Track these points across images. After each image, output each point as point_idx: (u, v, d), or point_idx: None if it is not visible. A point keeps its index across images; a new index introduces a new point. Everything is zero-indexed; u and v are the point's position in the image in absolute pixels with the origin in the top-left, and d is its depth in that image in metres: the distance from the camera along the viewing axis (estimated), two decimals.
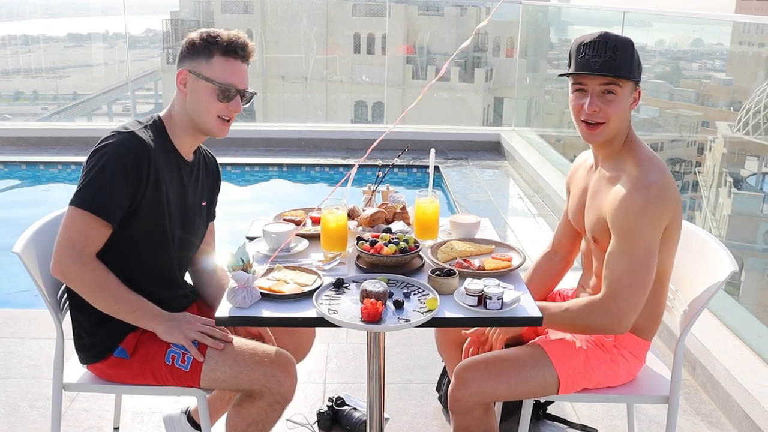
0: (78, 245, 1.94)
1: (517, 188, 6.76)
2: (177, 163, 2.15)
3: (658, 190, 1.94)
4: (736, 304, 3.75)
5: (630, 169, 2.00)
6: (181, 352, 2.04)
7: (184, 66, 2.08)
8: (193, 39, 2.09)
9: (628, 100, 2.04)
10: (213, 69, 2.06)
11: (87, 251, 1.96)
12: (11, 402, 2.95)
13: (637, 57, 2.03)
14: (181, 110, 2.12)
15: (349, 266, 2.19)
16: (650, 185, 1.94)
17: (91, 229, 1.95)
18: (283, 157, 7.44)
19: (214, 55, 2.06)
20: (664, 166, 2.02)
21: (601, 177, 2.11)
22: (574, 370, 2.09)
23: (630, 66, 2.00)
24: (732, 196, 5.31)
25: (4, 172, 7.13)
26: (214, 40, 2.06)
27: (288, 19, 12.54)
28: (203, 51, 2.06)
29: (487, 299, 1.87)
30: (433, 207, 2.37)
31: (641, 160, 2.02)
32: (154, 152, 2.02)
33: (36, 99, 11.99)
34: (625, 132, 2.07)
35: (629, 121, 2.08)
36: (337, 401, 2.82)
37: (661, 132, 6.58)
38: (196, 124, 2.12)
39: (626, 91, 2.02)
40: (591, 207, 2.13)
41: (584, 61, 2.00)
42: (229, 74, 2.07)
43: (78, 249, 1.94)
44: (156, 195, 2.04)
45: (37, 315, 3.67)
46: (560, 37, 8.89)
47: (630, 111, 2.07)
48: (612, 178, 2.05)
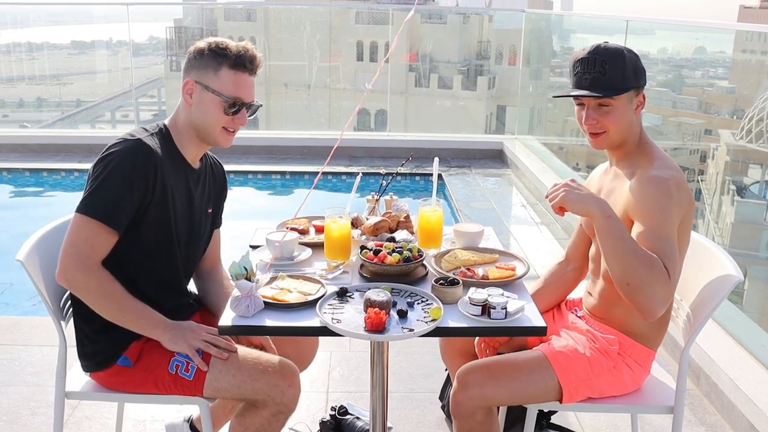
0: (84, 253, 1.93)
1: (520, 196, 6.76)
2: (184, 170, 2.15)
3: (676, 181, 1.96)
4: (740, 313, 3.74)
5: (645, 165, 2.03)
6: (185, 361, 2.03)
7: (191, 76, 2.06)
8: (201, 49, 2.06)
9: (627, 107, 2.06)
10: (221, 82, 2.04)
11: (92, 259, 1.95)
12: (13, 410, 2.94)
13: (632, 65, 2.04)
14: (186, 119, 2.11)
15: (352, 275, 2.18)
16: (668, 177, 1.96)
17: (96, 237, 1.94)
18: (286, 165, 7.45)
19: (222, 67, 2.03)
20: (678, 166, 2.04)
21: (616, 176, 2.14)
22: (576, 377, 2.08)
23: (622, 77, 2.02)
24: (735, 204, 5.30)
25: (8, 179, 7.14)
26: (223, 52, 2.03)
27: (291, 26, 12.54)
28: (211, 62, 2.04)
29: (491, 309, 1.87)
30: (437, 216, 2.37)
31: (656, 158, 2.05)
32: (160, 159, 2.02)
33: (40, 106, 12.01)
34: (635, 134, 2.11)
35: (637, 124, 2.10)
36: (339, 410, 2.81)
37: (663, 140, 6.58)
38: (201, 134, 2.11)
39: (622, 101, 2.05)
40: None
41: (577, 78, 2.07)
42: (236, 88, 2.05)
43: (84, 257, 1.93)
44: (162, 202, 2.04)
45: (39, 322, 3.67)
46: (563, 45, 8.90)
47: (636, 114, 2.09)
48: (628, 175, 2.08)
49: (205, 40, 2.09)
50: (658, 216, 1.91)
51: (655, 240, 1.89)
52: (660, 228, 1.90)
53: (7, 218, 6.27)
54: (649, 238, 1.89)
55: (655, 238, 1.89)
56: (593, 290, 2.26)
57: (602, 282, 2.19)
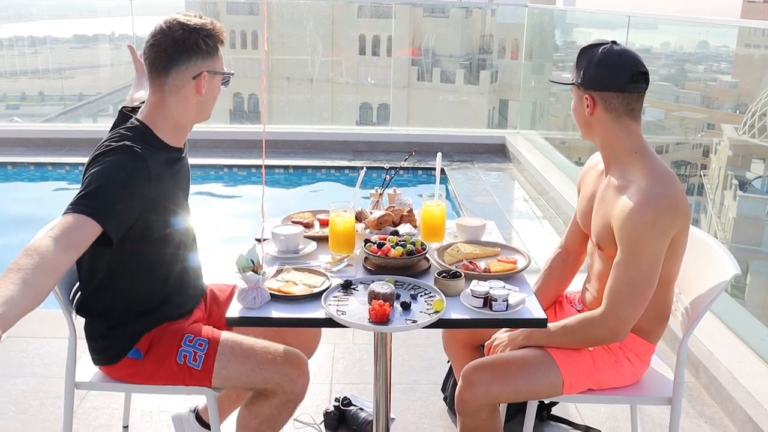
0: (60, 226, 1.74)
1: (522, 191, 6.78)
2: (171, 160, 2.10)
3: (667, 202, 1.95)
4: (738, 306, 3.77)
5: (639, 180, 2.00)
6: (192, 351, 2.07)
7: (199, 68, 2.02)
8: (196, 41, 2.00)
9: (578, 103, 2.11)
10: (220, 62, 2.08)
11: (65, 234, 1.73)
12: (22, 400, 2.99)
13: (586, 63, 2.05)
14: (193, 110, 2.06)
15: (356, 268, 2.22)
16: (659, 198, 1.94)
17: (82, 226, 1.77)
18: (288, 159, 7.47)
19: (218, 49, 2.07)
20: (674, 177, 2.02)
21: (610, 184, 2.11)
22: (578, 371, 2.12)
23: (577, 72, 2.07)
24: (737, 199, 5.32)
25: (13, 173, 7.17)
26: (217, 37, 2.04)
27: (293, 21, 12.54)
28: (211, 49, 2.04)
29: (492, 301, 1.91)
30: (440, 210, 2.40)
31: (650, 170, 2.01)
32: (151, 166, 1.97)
33: (42, 100, 12.03)
34: (609, 137, 2.08)
35: (600, 126, 2.07)
36: (343, 401, 2.85)
37: (666, 135, 6.59)
38: (204, 116, 2.12)
39: (574, 95, 2.11)
40: (598, 213, 2.15)
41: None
42: (225, 62, 2.12)
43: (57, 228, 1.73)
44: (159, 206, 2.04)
45: (46, 314, 3.70)
46: (565, 39, 8.90)
47: (590, 115, 2.07)
48: (620, 187, 2.04)
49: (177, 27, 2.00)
50: (634, 249, 1.97)
51: (623, 271, 1.99)
52: (632, 260, 1.98)
53: (13, 212, 6.31)
54: (619, 267, 2.00)
55: (623, 268, 1.99)
56: (590, 286, 2.30)
57: (596, 280, 2.23)
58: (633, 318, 2.01)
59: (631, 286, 1.98)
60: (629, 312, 1.99)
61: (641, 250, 1.96)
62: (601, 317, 2.03)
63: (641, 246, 1.96)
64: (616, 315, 2.00)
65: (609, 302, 2.01)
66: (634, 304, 1.99)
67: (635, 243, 1.96)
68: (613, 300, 2.01)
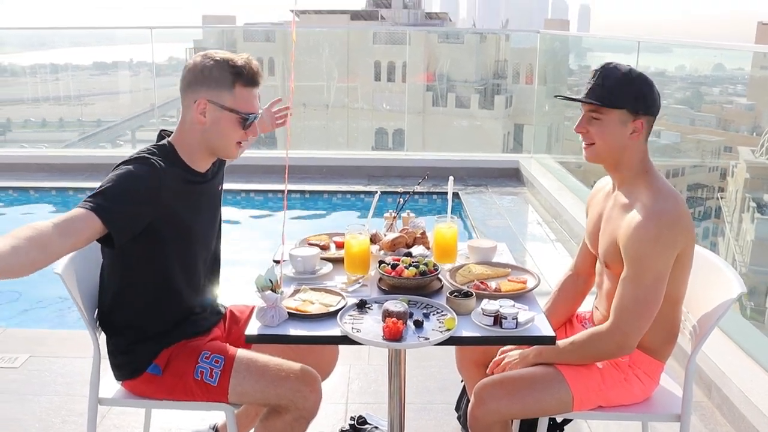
0: (63, 215, 1.80)
1: (536, 214, 6.83)
2: (191, 181, 2.16)
3: (670, 218, 2.01)
4: (750, 326, 3.78)
5: (643, 198, 2.07)
6: (208, 368, 2.13)
7: (201, 95, 2.06)
8: (208, 67, 2.06)
9: (619, 127, 2.09)
10: (236, 99, 2.07)
11: (65, 222, 1.78)
12: (45, 418, 3.06)
13: (636, 90, 2.08)
14: (198, 137, 2.11)
15: (371, 288, 2.28)
16: (662, 213, 2.01)
17: (83, 218, 1.82)
18: (305, 184, 7.57)
19: (236, 85, 2.06)
20: (678, 195, 2.08)
21: (616, 203, 2.18)
22: (588, 388, 2.16)
23: (618, 94, 2.07)
24: (755, 221, 5.32)
25: (36, 197, 7.32)
26: (235, 70, 2.05)
27: (309, 48, 12.72)
28: (224, 81, 2.05)
29: (502, 319, 1.97)
30: (452, 232, 2.46)
31: (655, 188, 2.08)
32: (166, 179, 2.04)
33: (62, 126, 12.23)
34: (632, 160, 2.13)
35: (635, 151, 2.12)
36: (358, 420, 2.90)
37: (682, 157, 6.61)
38: (215, 149, 2.15)
39: (613, 118, 2.09)
40: (605, 232, 2.21)
41: (585, 86, 2.15)
42: (251, 103, 2.10)
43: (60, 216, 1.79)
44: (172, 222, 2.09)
45: (67, 335, 3.79)
46: (579, 64, 8.96)
47: (633, 140, 2.10)
48: (626, 206, 2.12)
49: (206, 56, 2.08)
50: (639, 265, 2.03)
51: (628, 287, 2.05)
52: (637, 275, 2.04)
53: None
54: (625, 284, 2.06)
55: (629, 284, 2.06)
56: (600, 305, 2.34)
57: (605, 299, 2.27)
58: (639, 332, 2.06)
59: (636, 301, 2.04)
60: (635, 326, 2.05)
61: (645, 265, 2.02)
62: (608, 332, 2.09)
63: (645, 262, 2.01)
64: (622, 330, 2.05)
65: (615, 317, 2.07)
66: (640, 318, 2.04)
67: (639, 259, 2.02)
68: (619, 315, 2.06)
